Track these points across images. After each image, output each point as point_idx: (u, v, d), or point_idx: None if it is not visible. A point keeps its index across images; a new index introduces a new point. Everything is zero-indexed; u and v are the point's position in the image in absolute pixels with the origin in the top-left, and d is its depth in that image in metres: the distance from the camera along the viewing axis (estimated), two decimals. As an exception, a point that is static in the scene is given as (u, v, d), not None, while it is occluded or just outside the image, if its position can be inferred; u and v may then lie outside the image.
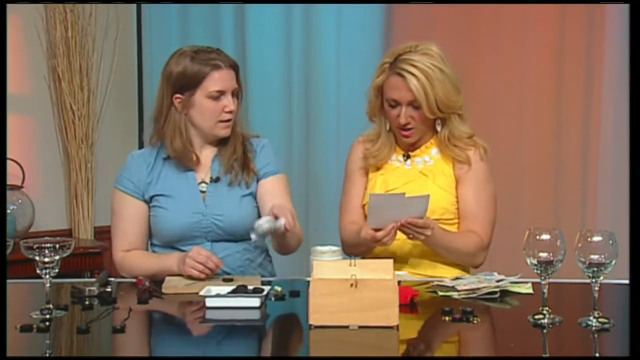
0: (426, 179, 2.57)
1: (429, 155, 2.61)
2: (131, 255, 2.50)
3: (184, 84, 2.49)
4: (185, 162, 2.54)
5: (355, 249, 2.57)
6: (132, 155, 2.63)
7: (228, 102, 2.50)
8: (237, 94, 2.55)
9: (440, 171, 2.58)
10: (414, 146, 2.62)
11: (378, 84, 2.57)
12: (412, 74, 2.47)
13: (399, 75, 2.49)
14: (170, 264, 2.40)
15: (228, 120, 2.52)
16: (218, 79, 2.48)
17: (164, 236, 2.52)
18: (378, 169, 2.63)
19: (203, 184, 2.55)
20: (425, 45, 2.52)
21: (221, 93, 2.49)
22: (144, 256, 2.51)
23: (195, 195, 2.53)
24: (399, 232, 2.49)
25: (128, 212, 2.53)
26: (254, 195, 2.56)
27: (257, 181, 2.56)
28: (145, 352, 1.86)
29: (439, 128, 2.57)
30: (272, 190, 2.56)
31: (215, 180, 2.54)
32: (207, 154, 2.58)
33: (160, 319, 2.15)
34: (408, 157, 2.62)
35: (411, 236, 2.40)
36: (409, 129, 2.55)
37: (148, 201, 2.54)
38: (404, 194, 2.41)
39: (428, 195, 2.37)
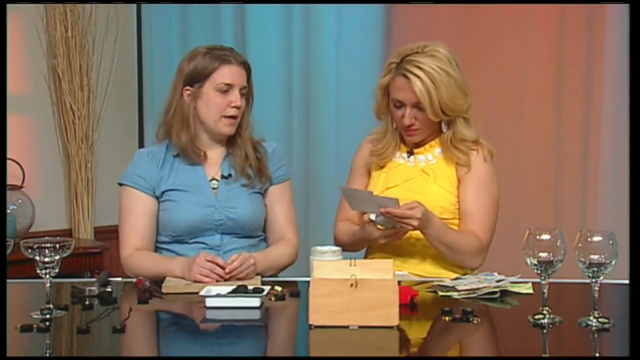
0: (427, 177, 2.57)
1: (432, 154, 2.60)
2: (136, 256, 2.50)
3: (194, 77, 2.53)
4: (191, 156, 2.56)
5: (347, 247, 2.58)
6: (140, 153, 2.66)
7: (235, 97, 2.52)
8: (245, 93, 2.56)
9: (442, 171, 2.57)
10: (418, 144, 2.62)
11: (384, 84, 2.56)
12: (417, 76, 2.45)
13: (404, 77, 2.48)
14: (173, 267, 2.38)
15: (232, 117, 2.54)
16: (228, 73, 2.52)
17: (175, 229, 2.52)
18: (381, 167, 2.64)
19: (214, 181, 2.57)
20: (432, 47, 2.50)
21: (229, 87, 2.52)
22: (148, 257, 2.50)
23: (207, 190, 2.55)
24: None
25: (138, 208, 2.53)
26: (263, 195, 2.61)
27: (269, 185, 2.62)
28: (145, 352, 1.86)
29: (445, 129, 2.56)
30: (282, 200, 2.63)
31: (227, 177, 2.57)
32: (216, 152, 2.60)
33: (160, 319, 2.15)
34: (411, 153, 2.62)
35: (399, 226, 2.39)
36: (414, 129, 2.55)
37: (159, 197, 2.55)
38: (371, 192, 2.45)
39: (397, 199, 2.37)
